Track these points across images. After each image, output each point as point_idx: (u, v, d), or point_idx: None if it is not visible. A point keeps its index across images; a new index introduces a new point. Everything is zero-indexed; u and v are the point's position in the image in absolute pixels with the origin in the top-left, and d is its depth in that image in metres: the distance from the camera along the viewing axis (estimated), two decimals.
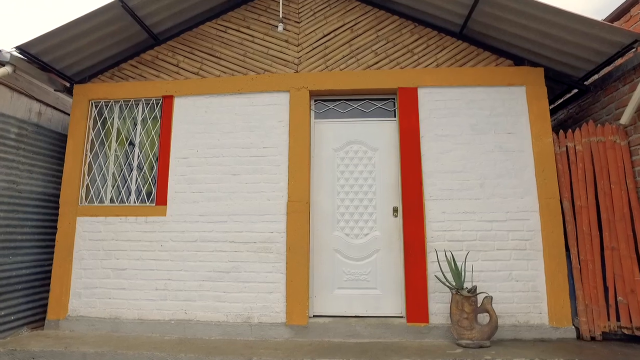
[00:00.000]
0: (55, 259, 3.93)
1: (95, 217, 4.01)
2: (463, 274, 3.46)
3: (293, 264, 3.70)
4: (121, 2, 3.64)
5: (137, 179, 4.12)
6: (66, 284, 3.88)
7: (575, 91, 4.18)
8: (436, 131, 3.85)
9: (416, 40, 4.09)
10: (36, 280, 3.99)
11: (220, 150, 4.00)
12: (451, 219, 3.68)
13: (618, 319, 3.28)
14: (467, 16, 3.74)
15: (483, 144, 3.79)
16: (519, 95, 3.85)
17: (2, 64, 3.62)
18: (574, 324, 3.41)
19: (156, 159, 4.11)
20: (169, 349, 3.26)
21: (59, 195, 4.14)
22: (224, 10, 4.35)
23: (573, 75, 3.92)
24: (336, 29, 4.18)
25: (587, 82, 3.99)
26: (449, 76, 3.92)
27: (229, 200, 3.90)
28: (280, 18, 4.12)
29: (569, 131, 3.70)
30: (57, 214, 4.08)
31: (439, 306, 3.56)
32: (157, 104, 4.22)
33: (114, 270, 3.90)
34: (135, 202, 4.06)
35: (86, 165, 4.16)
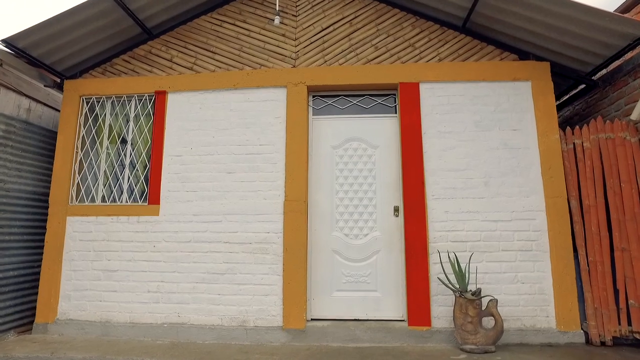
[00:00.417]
0: (44, 260, 3.80)
1: (86, 217, 3.87)
2: (467, 275, 3.33)
3: (290, 265, 3.57)
4: None
5: (129, 177, 3.99)
6: (55, 286, 3.75)
7: (582, 87, 4.05)
8: (439, 128, 3.72)
9: (417, 34, 3.95)
10: (24, 283, 3.85)
11: (215, 148, 3.87)
12: (454, 218, 3.55)
13: (629, 323, 3.14)
14: (470, 9, 3.61)
15: (487, 141, 3.66)
16: (525, 91, 3.72)
17: None
18: (582, 328, 3.27)
19: (149, 156, 3.97)
20: (161, 354, 3.13)
21: (48, 195, 4.00)
22: (219, 3, 4.22)
23: (580, 70, 3.78)
24: (335, 23, 4.05)
25: (594, 77, 3.85)
26: (451, 71, 3.79)
27: (223, 199, 3.76)
28: (277, 11, 3.99)
29: (576, 128, 3.56)
30: (46, 214, 3.95)
31: (441, 309, 3.42)
32: (149, 100, 4.09)
33: (105, 271, 3.77)
34: (127, 202, 3.93)
35: (77, 163, 4.02)
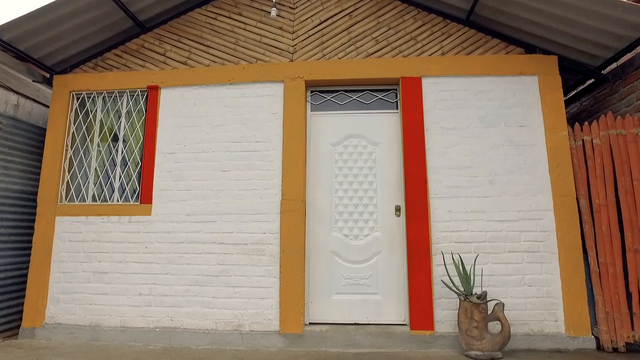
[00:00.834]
0: (32, 261, 3.65)
1: (76, 217, 3.73)
2: (472, 278, 3.19)
3: (287, 267, 3.42)
4: None
5: (120, 175, 3.84)
6: (43, 289, 3.60)
7: (589, 82, 3.91)
8: (442, 124, 3.57)
9: (420, 27, 3.81)
10: (12, 285, 3.71)
11: (209, 145, 3.73)
12: (458, 218, 3.40)
13: None
14: (474, 1, 3.46)
15: (492, 137, 3.51)
16: (531, 86, 3.57)
17: None
18: (593, 334, 3.13)
19: (141, 154, 3.83)
20: (152, 359, 2.99)
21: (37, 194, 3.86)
22: None
23: (589, 64, 3.63)
24: (334, 15, 3.91)
25: (604, 71, 3.71)
26: (455, 65, 3.64)
27: (218, 198, 3.62)
28: (274, 3, 3.85)
29: (585, 124, 3.42)
30: (35, 214, 3.81)
31: (445, 313, 3.28)
32: (142, 95, 3.95)
33: (95, 273, 3.62)
34: (118, 201, 3.79)
35: (66, 161, 3.88)
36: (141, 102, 3.94)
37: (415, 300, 3.29)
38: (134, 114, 3.93)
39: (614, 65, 3.68)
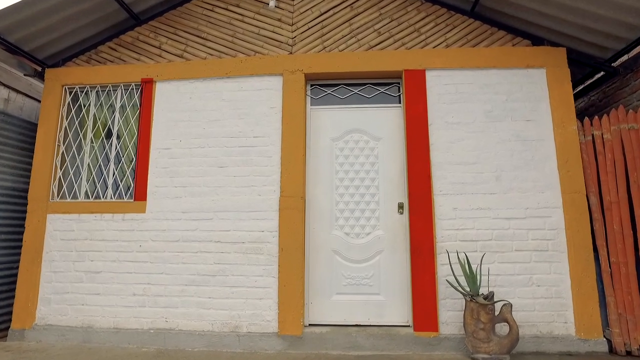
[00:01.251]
0: (22, 260, 3.54)
1: (68, 215, 3.61)
2: (478, 278, 3.06)
3: (286, 266, 3.30)
4: None
5: (114, 172, 3.72)
6: (34, 289, 3.48)
7: (599, 76, 3.79)
8: (446, 118, 3.45)
9: (423, 18, 3.69)
10: (1, 285, 3.60)
11: (205, 140, 3.61)
12: (464, 216, 3.28)
13: None
14: None
15: (499, 132, 3.39)
16: (539, 79, 3.45)
17: None
18: (605, 336, 3.01)
19: (135, 150, 3.71)
20: None
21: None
22: None
23: (599, 56, 3.51)
24: (334, 7, 3.78)
25: (614, 64, 3.58)
26: (460, 57, 3.52)
27: (215, 195, 3.50)
28: None
29: (595, 118, 3.30)
30: (26, 211, 3.68)
31: (450, 314, 3.16)
32: (136, 89, 3.83)
33: (88, 273, 3.50)
34: (112, 198, 3.67)
35: (58, 157, 3.76)
36: (135, 97, 3.82)
37: (419, 300, 3.17)
38: (128, 109, 3.81)
39: (625, 57, 3.55)
